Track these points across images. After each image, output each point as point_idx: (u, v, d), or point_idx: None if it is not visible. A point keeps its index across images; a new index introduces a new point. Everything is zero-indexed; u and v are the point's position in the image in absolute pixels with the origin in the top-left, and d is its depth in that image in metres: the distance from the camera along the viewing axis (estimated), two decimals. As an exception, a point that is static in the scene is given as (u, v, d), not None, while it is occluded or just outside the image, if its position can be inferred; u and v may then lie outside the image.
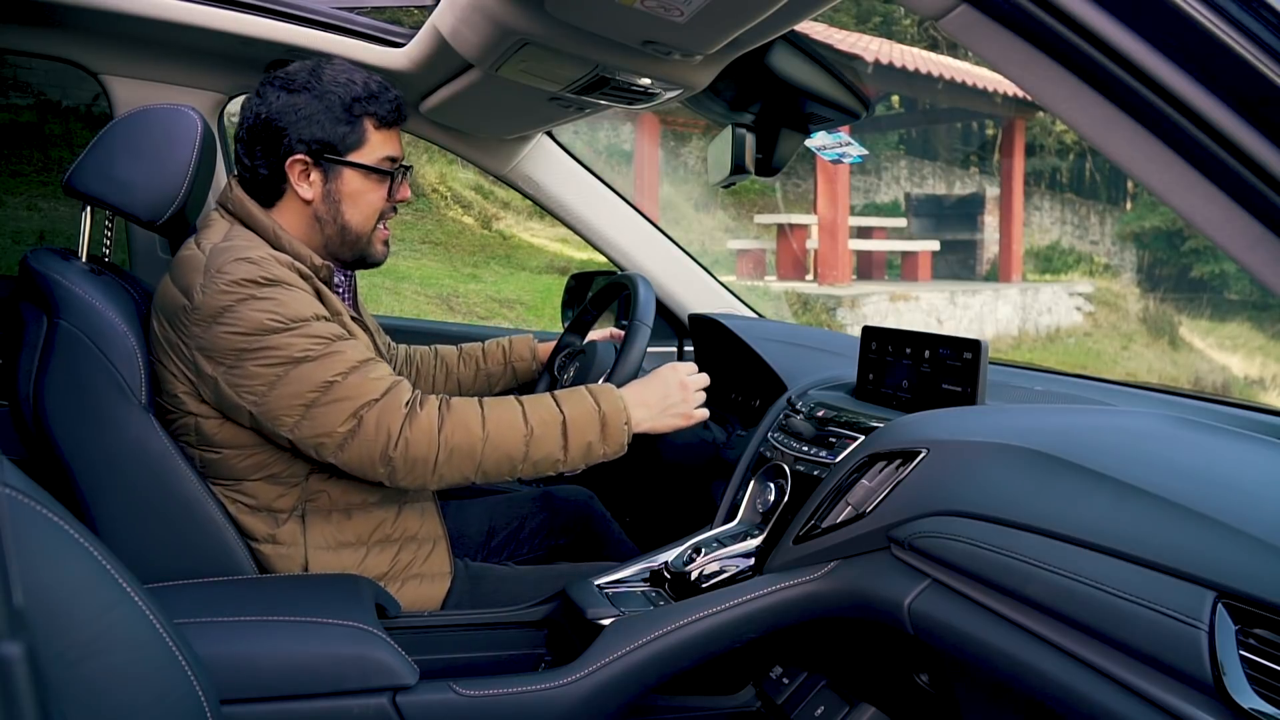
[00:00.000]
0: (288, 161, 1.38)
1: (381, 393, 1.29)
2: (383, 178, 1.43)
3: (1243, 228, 0.77)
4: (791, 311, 9.77)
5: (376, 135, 1.41)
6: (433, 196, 9.68)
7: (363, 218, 1.43)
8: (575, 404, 1.39)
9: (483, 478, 1.35)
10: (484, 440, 1.32)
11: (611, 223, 2.21)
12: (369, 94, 1.40)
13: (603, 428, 1.38)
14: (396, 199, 1.46)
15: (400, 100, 1.45)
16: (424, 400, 1.32)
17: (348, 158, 1.40)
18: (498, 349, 1.86)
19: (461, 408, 1.33)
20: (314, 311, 1.31)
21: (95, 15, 1.66)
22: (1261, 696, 0.76)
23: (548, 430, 1.35)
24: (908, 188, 14.84)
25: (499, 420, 1.33)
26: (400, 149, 1.46)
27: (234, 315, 1.27)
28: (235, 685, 1.11)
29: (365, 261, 1.48)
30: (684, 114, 10.43)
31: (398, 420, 1.28)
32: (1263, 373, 11.10)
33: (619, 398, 1.41)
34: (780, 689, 1.51)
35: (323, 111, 1.38)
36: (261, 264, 1.30)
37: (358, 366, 1.30)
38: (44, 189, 5.89)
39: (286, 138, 1.37)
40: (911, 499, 1.15)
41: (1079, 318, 12.24)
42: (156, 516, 1.33)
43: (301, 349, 1.27)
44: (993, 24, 0.83)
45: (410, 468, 1.29)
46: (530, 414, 1.36)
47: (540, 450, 1.35)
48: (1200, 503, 0.88)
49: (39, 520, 0.71)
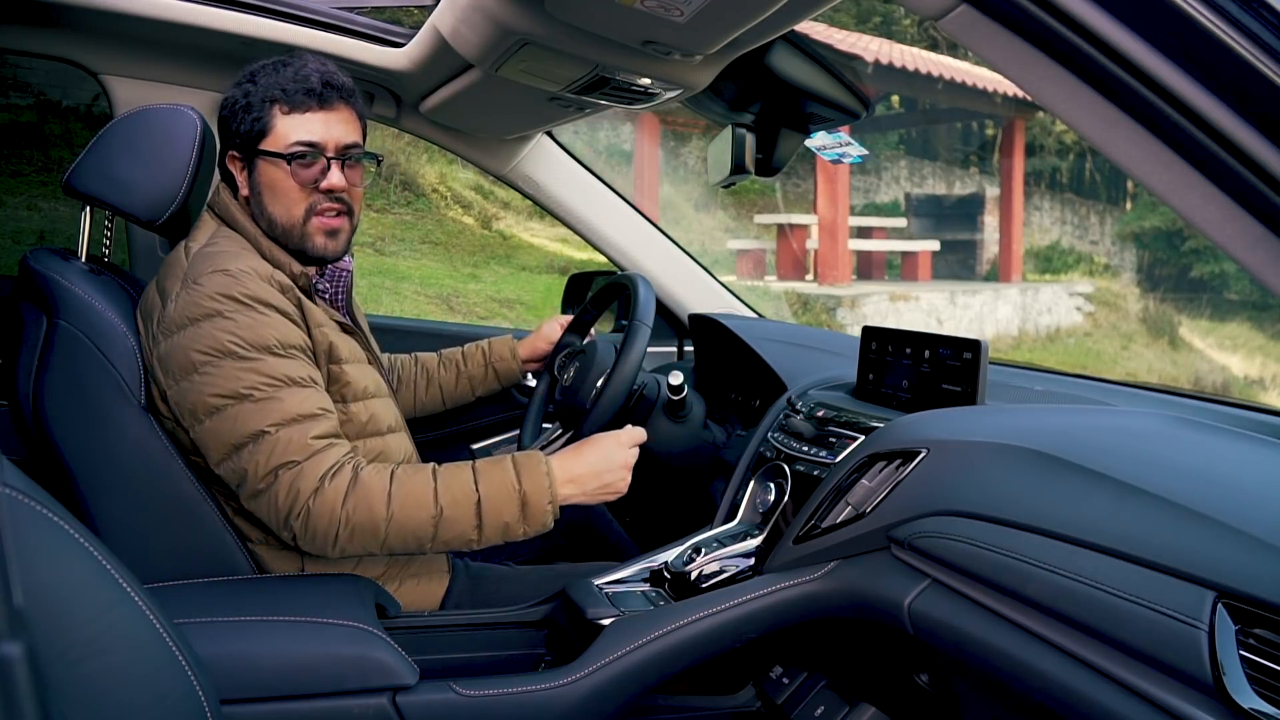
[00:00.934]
0: (226, 157, 1.39)
1: (305, 456, 1.23)
2: (290, 163, 1.34)
3: (1243, 228, 0.77)
4: (791, 311, 9.77)
5: (286, 120, 1.34)
6: (433, 196, 9.68)
7: (283, 208, 1.35)
8: (494, 481, 1.29)
9: (382, 552, 1.28)
10: (387, 520, 1.24)
11: (611, 223, 2.21)
12: (282, 78, 1.34)
13: (523, 507, 1.29)
14: (323, 187, 1.35)
15: (323, 81, 1.35)
16: (338, 472, 1.24)
17: (259, 147, 1.35)
18: (477, 351, 1.82)
19: (370, 483, 1.24)
20: (279, 339, 1.26)
21: (95, 15, 1.66)
22: (1261, 696, 0.76)
23: (459, 511, 1.26)
24: (908, 188, 14.84)
25: (406, 499, 1.25)
26: (326, 132, 1.35)
27: (196, 330, 1.24)
28: (235, 685, 1.10)
29: (307, 255, 1.38)
30: (684, 114, 10.43)
31: (308, 489, 1.22)
32: (1263, 373, 11.10)
33: (545, 475, 1.31)
34: (780, 689, 1.51)
35: (243, 102, 1.35)
36: (239, 278, 1.26)
37: (295, 421, 1.24)
38: (44, 189, 5.89)
39: (224, 134, 1.39)
40: (911, 499, 1.15)
41: (1079, 318, 12.24)
42: (156, 516, 1.33)
43: (248, 385, 1.23)
44: (993, 24, 0.83)
45: (311, 538, 1.24)
46: (442, 492, 1.26)
47: (451, 531, 1.27)
48: (1200, 503, 0.88)
49: (39, 520, 0.71)
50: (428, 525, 1.25)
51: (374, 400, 1.42)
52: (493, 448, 2.24)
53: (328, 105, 1.36)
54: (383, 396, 1.46)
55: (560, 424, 1.78)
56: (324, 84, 1.35)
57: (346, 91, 1.38)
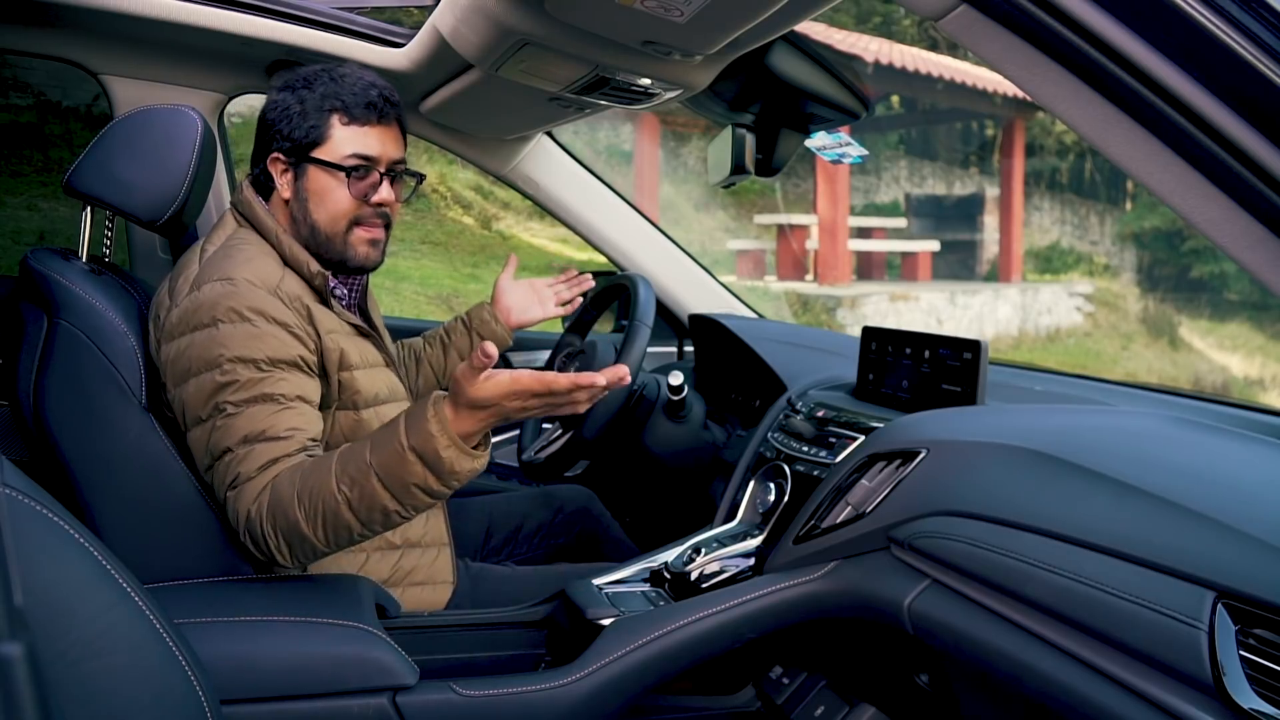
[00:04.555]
0: (269, 159, 1.39)
1: (250, 477, 1.20)
2: (349, 175, 1.36)
3: (1243, 228, 0.77)
4: (791, 311, 9.77)
5: (344, 131, 1.35)
6: (433, 196, 9.68)
7: (329, 217, 1.37)
8: (383, 447, 1.14)
9: (340, 548, 1.21)
10: (308, 523, 1.16)
11: (611, 223, 2.21)
12: (342, 89, 1.35)
13: (424, 462, 1.12)
14: (374, 200, 1.37)
15: (381, 96, 1.37)
16: (264, 490, 1.19)
17: (313, 154, 1.36)
18: (458, 323, 1.80)
19: (280, 491, 1.18)
20: (269, 355, 1.25)
21: (95, 15, 1.66)
22: (1261, 696, 0.76)
23: (364, 490, 1.14)
24: (908, 188, 14.83)
25: (313, 496, 1.16)
26: (382, 148, 1.37)
27: (191, 339, 1.25)
28: (235, 685, 1.10)
29: (346, 265, 1.40)
30: (684, 114, 10.43)
31: (244, 510, 1.20)
32: (1263, 373, 11.09)
33: (430, 420, 1.11)
34: (780, 689, 1.51)
35: (297, 108, 1.36)
36: (240, 288, 1.26)
37: (260, 439, 1.22)
38: (44, 189, 5.89)
39: (270, 136, 1.38)
40: (911, 499, 1.15)
41: (1079, 318, 12.24)
42: (156, 516, 1.33)
43: (225, 400, 1.23)
44: (993, 24, 0.83)
45: (265, 556, 1.21)
46: (340, 478, 1.15)
47: (370, 511, 1.15)
48: (1200, 503, 0.88)
49: (39, 520, 0.71)
50: (344, 514, 1.15)
51: (386, 406, 1.41)
52: (492, 448, 2.24)
53: (385, 121, 1.38)
54: (397, 400, 1.45)
55: (560, 424, 1.78)
56: (384, 100, 1.37)
57: (400, 109, 1.41)
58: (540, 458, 1.73)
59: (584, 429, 1.60)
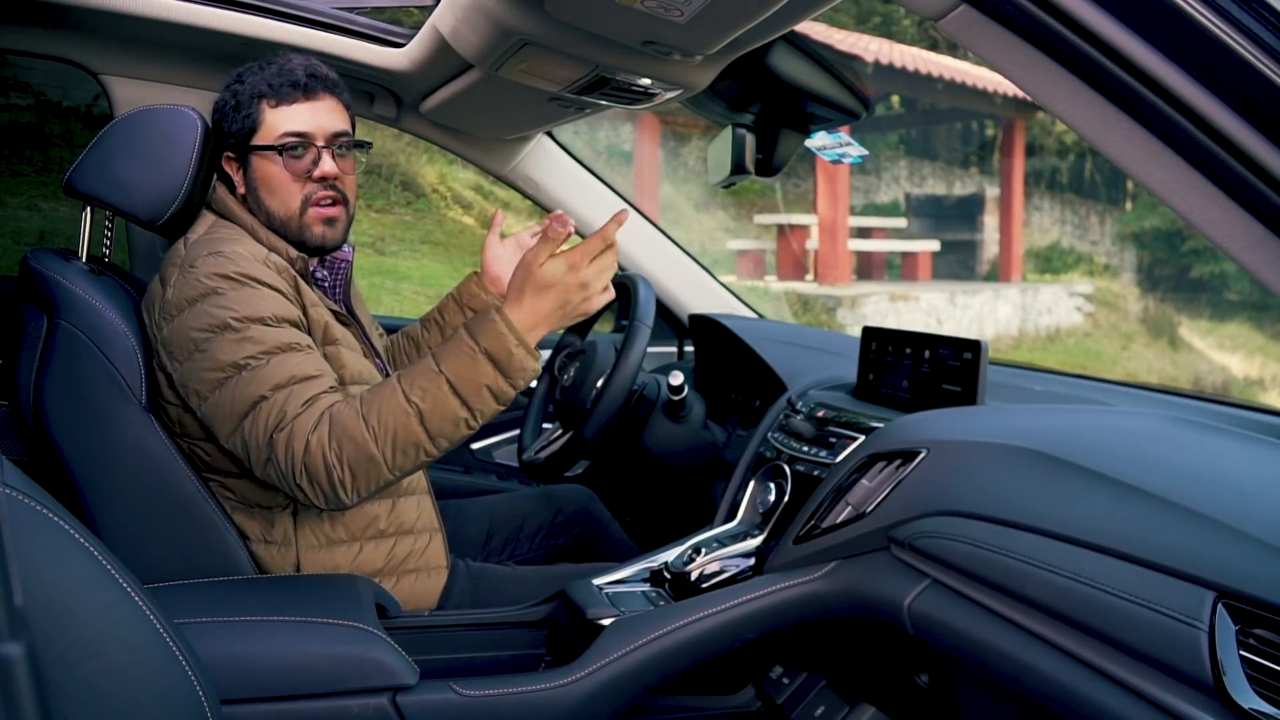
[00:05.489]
0: (223, 159, 1.42)
1: (294, 416, 1.21)
2: (282, 154, 1.36)
3: (1243, 228, 0.77)
4: (791, 311, 9.76)
5: (273, 113, 1.37)
6: (433, 196, 9.67)
7: (280, 202, 1.38)
8: (453, 355, 1.23)
9: (403, 472, 1.24)
10: (375, 442, 1.20)
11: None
12: (268, 74, 1.37)
13: (494, 364, 1.22)
14: (316, 175, 1.38)
15: (307, 73, 1.37)
16: (320, 422, 1.22)
17: (252, 143, 1.38)
18: (450, 302, 1.78)
19: (342, 417, 1.21)
20: (272, 312, 1.27)
21: (95, 15, 1.66)
22: (1261, 696, 0.76)
23: (436, 399, 1.21)
24: (908, 188, 14.82)
25: (381, 414, 1.21)
26: (315, 122, 1.38)
27: (194, 310, 1.26)
28: (235, 685, 1.10)
29: (307, 246, 1.40)
30: (684, 114, 10.42)
31: (299, 447, 1.20)
32: (1263, 373, 11.09)
33: (498, 323, 1.22)
34: (780, 689, 1.51)
35: (232, 103, 1.39)
36: (234, 259, 1.29)
37: (291, 382, 1.23)
38: (44, 189, 5.88)
39: (219, 136, 1.41)
40: (911, 499, 1.15)
41: (1079, 318, 12.23)
42: (156, 516, 1.33)
43: (245, 355, 1.23)
44: (993, 24, 0.83)
45: (322, 493, 1.22)
46: (410, 391, 1.22)
47: (440, 420, 1.22)
48: (1200, 503, 0.88)
49: (39, 520, 0.71)
50: (415, 428, 1.21)
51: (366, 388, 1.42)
52: (492, 448, 2.24)
53: (313, 95, 1.39)
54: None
55: (560, 424, 1.78)
56: (308, 75, 1.38)
57: (331, 82, 1.42)
58: (540, 458, 1.73)
59: (584, 429, 1.60)
